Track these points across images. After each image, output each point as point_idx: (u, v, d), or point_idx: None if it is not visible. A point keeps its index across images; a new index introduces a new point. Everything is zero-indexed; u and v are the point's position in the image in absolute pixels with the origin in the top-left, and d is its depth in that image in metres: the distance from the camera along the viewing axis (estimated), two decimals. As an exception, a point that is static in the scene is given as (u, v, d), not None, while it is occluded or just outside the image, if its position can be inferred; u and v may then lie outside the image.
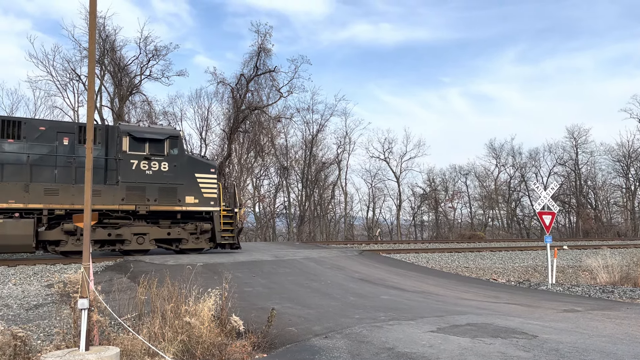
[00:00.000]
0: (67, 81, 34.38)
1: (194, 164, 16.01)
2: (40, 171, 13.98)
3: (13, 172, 13.66)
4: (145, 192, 15.02)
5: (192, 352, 5.43)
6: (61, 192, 13.91)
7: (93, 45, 5.75)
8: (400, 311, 7.68)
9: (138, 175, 14.99)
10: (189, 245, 15.92)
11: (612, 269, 14.78)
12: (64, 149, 14.43)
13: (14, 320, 7.44)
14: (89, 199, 5.42)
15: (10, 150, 13.73)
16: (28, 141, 14.05)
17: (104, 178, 14.86)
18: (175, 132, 16.32)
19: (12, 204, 13.38)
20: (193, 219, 15.95)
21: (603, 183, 53.07)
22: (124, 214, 14.91)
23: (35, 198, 13.66)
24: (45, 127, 14.47)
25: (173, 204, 15.41)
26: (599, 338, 5.88)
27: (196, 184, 15.77)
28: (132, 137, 15.05)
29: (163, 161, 15.35)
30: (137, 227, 15.14)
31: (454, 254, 19.68)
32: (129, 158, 14.95)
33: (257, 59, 36.08)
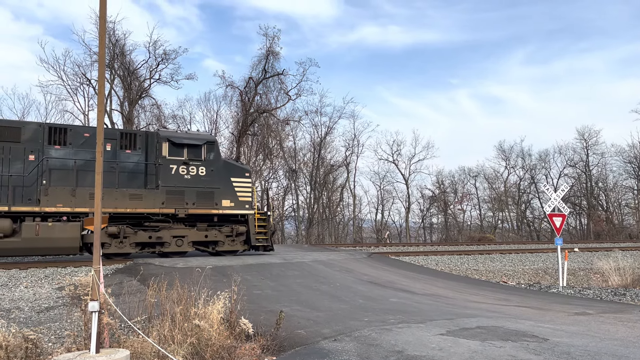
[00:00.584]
0: (78, 85, 34.75)
1: (229, 169, 16.55)
2: (85, 176, 14.37)
3: (60, 177, 14.15)
4: (184, 196, 15.52)
5: (202, 355, 5.44)
6: (105, 197, 14.19)
7: (103, 50, 5.80)
8: (410, 314, 7.65)
9: (177, 179, 15.51)
10: (225, 247, 16.37)
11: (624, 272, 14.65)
12: (107, 154, 14.76)
13: (26, 323, 7.50)
14: (99, 202, 5.46)
15: (57, 156, 14.23)
16: (73, 147, 14.56)
17: (144, 182, 15.34)
18: (211, 137, 16.98)
19: (60, 208, 13.88)
20: (229, 222, 16.41)
21: (614, 185, 52.62)
22: (163, 217, 15.36)
23: (82, 202, 14.12)
24: (89, 133, 14.95)
25: (210, 207, 15.90)
26: (610, 341, 5.83)
27: (232, 188, 16.29)
28: (172, 142, 15.56)
29: (201, 166, 15.88)
30: (176, 230, 15.59)
31: (463, 257, 19.58)
32: (168, 163, 15.45)
33: (266, 62, 36.25)
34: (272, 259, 15.20)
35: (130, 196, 14.85)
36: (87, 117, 34.94)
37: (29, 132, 14.19)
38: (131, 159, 15.33)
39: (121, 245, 14.82)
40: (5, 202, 13.45)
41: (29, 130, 14.24)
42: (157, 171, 15.31)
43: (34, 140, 14.14)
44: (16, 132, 14.04)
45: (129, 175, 15.17)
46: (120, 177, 14.88)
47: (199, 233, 15.93)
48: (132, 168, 15.27)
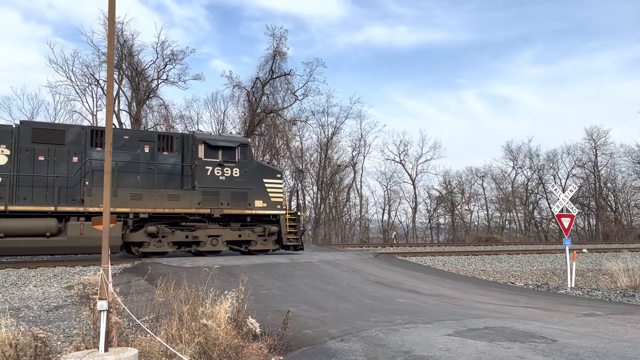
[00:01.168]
0: (86, 86, 34.94)
1: (262, 170, 17.08)
2: (125, 177, 15.02)
3: (101, 178, 14.35)
4: (219, 196, 16.01)
5: (209, 354, 5.46)
6: (145, 197, 14.95)
7: (111, 51, 5.83)
8: (417, 314, 7.64)
9: (213, 180, 16.01)
10: (258, 246, 16.87)
11: (633, 273, 14.54)
12: (145, 156, 15.51)
13: (35, 322, 7.56)
14: (107, 202, 5.49)
15: (98, 158, 14.63)
16: (113, 149, 14.57)
17: (181, 183, 15.87)
18: (245, 140, 17.54)
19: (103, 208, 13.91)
20: (261, 222, 16.90)
21: (623, 185, 52.22)
22: (199, 217, 15.85)
23: (123, 202, 14.69)
24: (129, 136, 15.65)
25: (244, 207, 16.39)
26: (619, 343, 5.79)
27: (264, 189, 16.79)
28: (207, 145, 16.04)
29: (235, 167, 16.39)
30: (211, 229, 16.09)
31: (470, 257, 19.52)
32: (204, 165, 15.94)
33: (273, 63, 36.31)
34: (279, 258, 15.23)
35: (169, 197, 15.37)
36: (95, 117, 35.17)
37: (72, 135, 14.77)
38: (168, 160, 15.88)
39: (159, 245, 15.38)
40: (52, 202, 13.98)
41: (72, 133, 14.84)
42: (193, 172, 15.82)
43: (77, 143, 14.70)
44: (60, 135, 14.60)
45: (166, 177, 15.71)
46: (158, 178, 15.44)
47: (233, 232, 16.43)
48: (169, 169, 15.82)
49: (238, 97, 38.67)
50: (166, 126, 36.50)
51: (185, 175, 15.90)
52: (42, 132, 14.44)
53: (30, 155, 14.10)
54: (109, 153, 5.47)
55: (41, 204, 13.83)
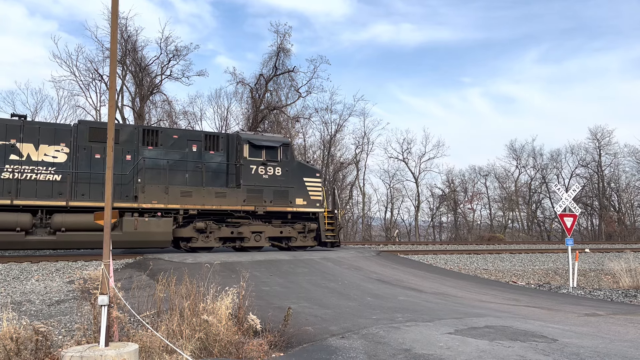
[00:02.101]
0: (90, 81, 34.95)
1: (302, 169, 17.79)
2: (175, 175, 15.76)
3: (153, 176, 15.46)
4: (263, 194, 16.70)
5: (210, 350, 5.47)
6: (194, 194, 15.67)
7: (115, 46, 5.83)
8: (418, 312, 7.63)
9: (257, 179, 16.67)
10: (298, 243, 17.54)
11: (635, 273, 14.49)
12: (193, 155, 16.24)
13: (36, 316, 7.59)
14: (109, 197, 5.49)
15: (149, 156, 15.51)
16: (164, 148, 15.84)
17: (226, 181, 16.58)
18: (287, 140, 18.34)
19: (155, 204, 15.11)
20: (301, 219, 17.57)
21: (627, 185, 52.07)
22: (244, 214, 16.49)
23: (173, 199, 15.39)
24: (178, 135, 16.37)
25: (285, 205, 17.08)
26: (621, 343, 5.77)
27: (304, 187, 17.51)
28: (252, 144, 16.72)
29: (277, 166, 17.07)
30: (254, 226, 16.78)
31: (472, 256, 19.49)
32: (249, 164, 16.62)
33: (276, 59, 36.27)
34: (281, 255, 15.24)
35: (216, 194, 16.02)
36: (99, 112, 35.21)
37: (126, 134, 15.52)
38: (214, 159, 16.56)
39: (207, 240, 16.06)
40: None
41: (125, 132, 15.63)
42: (238, 171, 16.49)
43: (130, 142, 15.42)
44: (115, 135, 14.41)
45: (213, 175, 16.40)
46: (205, 176, 16.11)
47: (274, 229, 17.08)
48: (215, 168, 16.52)
49: (241, 93, 38.71)
50: (169, 122, 36.53)
51: (229, 174, 16.62)
52: (98, 131, 15.00)
53: (88, 153, 14.80)
54: (111, 148, 5.47)
55: (98, 200, 14.40)
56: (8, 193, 13.76)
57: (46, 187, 14.16)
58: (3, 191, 13.75)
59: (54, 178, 14.28)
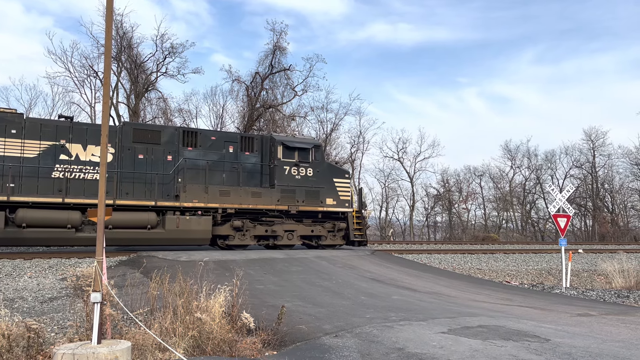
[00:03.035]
0: (85, 77, 34.79)
1: (332, 170, 18.42)
2: (213, 175, 16.30)
3: (192, 176, 16.01)
4: (295, 194, 17.26)
5: (203, 348, 5.46)
6: (232, 194, 16.25)
7: (109, 43, 5.80)
8: (412, 312, 7.65)
9: (290, 179, 17.25)
10: (327, 241, 18.11)
11: (628, 274, 14.57)
12: (230, 156, 16.82)
13: (29, 313, 7.55)
14: (103, 194, 5.47)
15: (189, 157, 16.08)
16: (203, 149, 16.43)
17: (260, 182, 17.17)
18: (318, 142, 19.04)
19: (196, 203, 15.67)
20: (330, 219, 18.13)
21: (620, 186, 52.37)
22: (278, 213, 17.08)
23: (213, 198, 15.93)
24: (215, 137, 16.98)
25: (316, 205, 17.65)
26: (612, 343, 5.80)
27: (334, 188, 18.08)
28: (285, 146, 17.33)
29: (309, 167, 17.67)
30: (287, 225, 17.38)
31: (467, 256, 19.54)
32: (282, 164, 17.20)
33: (273, 58, 36.21)
34: (275, 254, 15.23)
35: (252, 193, 16.59)
36: (93, 109, 35.07)
37: (167, 136, 16.06)
38: (250, 160, 17.17)
39: (243, 238, 16.63)
40: (152, 197, 15.20)
41: (166, 133, 16.17)
42: (272, 171, 17.11)
43: (171, 143, 15.98)
44: (157, 135, 15.90)
45: (248, 175, 17.01)
46: (241, 176, 16.72)
47: (306, 228, 17.68)
48: (250, 168, 17.13)
49: (237, 91, 38.62)
50: (164, 119, 36.41)
51: (263, 174, 17.24)
52: (141, 132, 15.77)
53: (132, 153, 15.33)
54: (105, 145, 5.45)
55: (141, 199, 15.01)
56: (59, 191, 14.24)
57: (93, 186, 14.50)
58: (54, 189, 14.20)
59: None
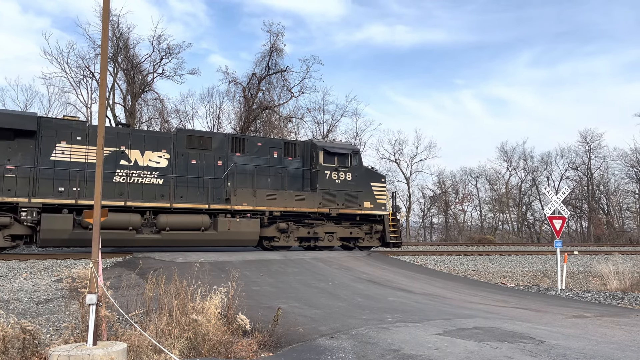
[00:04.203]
0: (81, 78, 34.68)
1: (369, 175, 19.24)
2: (260, 179, 17.16)
3: (241, 180, 16.84)
4: (336, 197, 18.12)
5: (199, 350, 5.46)
6: (277, 197, 17.09)
7: (106, 43, 5.80)
8: (407, 313, 7.66)
9: (330, 183, 18.12)
10: (365, 243, 18.93)
11: (623, 276, 14.61)
12: (274, 161, 17.70)
13: (24, 314, 7.52)
14: (99, 195, 5.46)
15: (238, 162, 16.95)
16: (250, 154, 17.32)
17: (302, 185, 18.06)
18: (356, 148, 20.11)
19: (246, 206, 16.50)
20: (367, 221, 18.91)
21: (616, 188, 52.56)
22: (319, 215, 17.90)
23: (260, 201, 16.76)
24: (261, 143, 17.85)
25: (355, 208, 18.46)
26: (607, 345, 5.83)
27: (371, 192, 18.87)
28: (326, 151, 18.20)
29: (348, 172, 18.54)
30: (327, 227, 18.15)
31: (462, 257, 19.58)
32: (323, 169, 18.05)
33: (269, 59, 36.23)
34: (272, 255, 15.23)
35: (296, 197, 17.45)
36: (89, 110, 34.96)
37: (217, 142, 16.93)
38: (292, 165, 18.08)
39: (287, 239, 17.45)
40: (205, 200, 16.06)
41: (217, 140, 17.05)
42: (314, 176, 17.99)
43: (221, 149, 16.85)
44: (208, 142, 16.76)
45: (291, 179, 17.90)
46: (285, 181, 17.63)
47: (345, 230, 18.48)
48: (293, 173, 18.03)
49: (234, 92, 38.59)
50: (161, 120, 36.36)
51: (305, 178, 18.14)
52: (194, 138, 16.58)
53: (185, 159, 16.20)
54: (101, 146, 5.44)
55: (194, 202, 15.87)
56: (119, 195, 15.00)
57: (150, 190, 15.45)
58: (115, 193, 14.94)
59: (157, 181, 15.64)
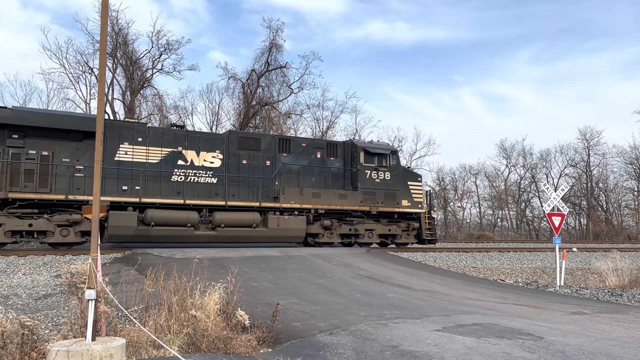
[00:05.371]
0: (80, 74, 34.63)
1: (407, 174, 20.10)
2: (305, 179, 17.98)
3: (288, 180, 17.66)
4: (375, 196, 18.85)
5: (198, 345, 5.46)
6: (322, 195, 17.89)
7: (104, 39, 5.78)
8: (406, 309, 7.67)
9: (370, 182, 18.88)
10: (402, 240, 19.70)
11: (621, 273, 14.64)
12: (318, 161, 18.57)
13: (23, 310, 7.52)
14: (97, 191, 5.45)
15: (285, 162, 17.82)
16: (295, 155, 18.15)
17: (343, 184, 18.81)
18: (394, 148, 21.23)
19: (293, 204, 17.26)
20: (405, 219, 19.67)
21: (615, 185, 52.63)
22: (360, 213, 18.65)
23: (307, 200, 17.55)
24: (306, 143, 18.67)
25: (393, 206, 19.21)
26: (606, 341, 5.84)
27: (409, 190, 19.65)
28: (367, 152, 18.97)
29: (387, 171, 19.29)
30: (367, 224, 18.90)
31: (461, 254, 19.59)
32: (364, 169, 18.85)
33: (269, 55, 36.17)
34: (271, 252, 15.23)
35: (339, 195, 18.23)
36: (88, 105, 34.90)
37: (266, 143, 17.81)
38: (334, 164, 18.85)
39: (330, 236, 18.23)
40: (256, 199, 16.90)
41: (265, 141, 17.93)
42: (355, 175, 18.78)
43: (269, 149, 17.70)
44: (257, 143, 17.66)
45: (333, 178, 18.63)
46: (328, 180, 18.40)
47: (384, 227, 19.20)
48: (335, 172, 18.77)
49: (233, 88, 38.52)
50: (160, 116, 36.30)
51: (346, 177, 18.92)
52: (245, 140, 17.52)
53: (237, 159, 17.03)
54: (100, 141, 5.43)
55: (246, 200, 16.70)
56: (177, 193, 15.82)
57: (205, 189, 16.27)
58: (173, 192, 15.77)
59: (211, 180, 16.43)
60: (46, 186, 14.18)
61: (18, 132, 14.19)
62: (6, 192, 13.70)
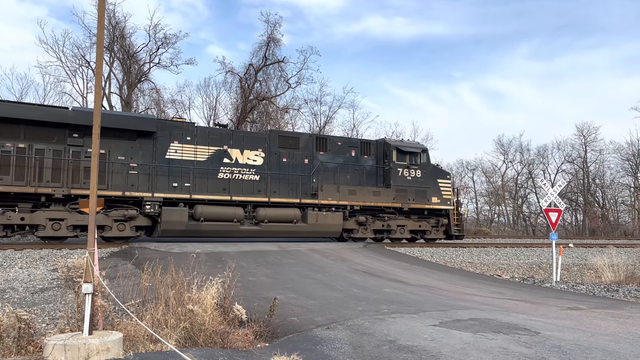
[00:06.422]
0: (77, 67, 34.36)
1: (436, 172, 20.69)
2: (340, 176, 18.69)
3: (325, 177, 18.30)
4: (407, 193, 19.55)
5: (195, 340, 5.46)
6: (357, 192, 18.50)
7: (101, 32, 5.74)
8: (403, 304, 7.68)
9: (402, 180, 19.55)
10: (431, 235, 20.39)
11: (617, 268, 14.69)
12: (352, 159, 19.22)
13: (20, 303, 7.51)
14: (94, 186, 5.43)
15: (322, 160, 18.47)
16: (331, 153, 18.84)
17: (376, 182, 19.42)
18: (425, 147, 21.42)
19: (331, 201, 17.95)
20: (434, 215, 20.34)
21: (611, 182, 52.78)
22: (392, 210, 19.30)
23: (343, 196, 18.23)
24: (341, 142, 19.42)
25: (424, 203, 19.90)
26: (602, 336, 5.86)
27: (438, 188, 20.28)
28: (399, 150, 19.62)
29: (418, 169, 19.93)
30: (399, 220, 19.53)
31: (458, 249, 19.62)
32: (396, 167, 19.49)
33: (266, 49, 36.02)
34: (268, 246, 15.24)
35: (373, 192, 18.83)
36: (85, 99, 34.73)
37: (304, 141, 18.53)
38: (367, 162, 19.49)
39: (365, 232, 18.94)
40: (296, 195, 17.54)
41: (303, 139, 18.68)
42: (388, 173, 19.46)
43: (307, 148, 18.39)
44: (296, 142, 18.37)
45: (367, 176, 19.23)
46: (362, 177, 19.01)
47: (414, 223, 19.89)
48: (369, 170, 19.41)
49: (231, 83, 38.34)
50: (157, 110, 36.15)
51: (379, 175, 19.59)
52: (284, 139, 18.26)
53: (277, 157, 17.68)
54: (97, 135, 5.40)
55: (286, 197, 17.32)
56: (223, 190, 16.46)
57: (249, 186, 16.94)
58: (219, 189, 16.42)
59: (254, 178, 17.09)
60: (103, 183, 14.74)
61: (78, 132, 14.73)
62: (69, 189, 14.28)
